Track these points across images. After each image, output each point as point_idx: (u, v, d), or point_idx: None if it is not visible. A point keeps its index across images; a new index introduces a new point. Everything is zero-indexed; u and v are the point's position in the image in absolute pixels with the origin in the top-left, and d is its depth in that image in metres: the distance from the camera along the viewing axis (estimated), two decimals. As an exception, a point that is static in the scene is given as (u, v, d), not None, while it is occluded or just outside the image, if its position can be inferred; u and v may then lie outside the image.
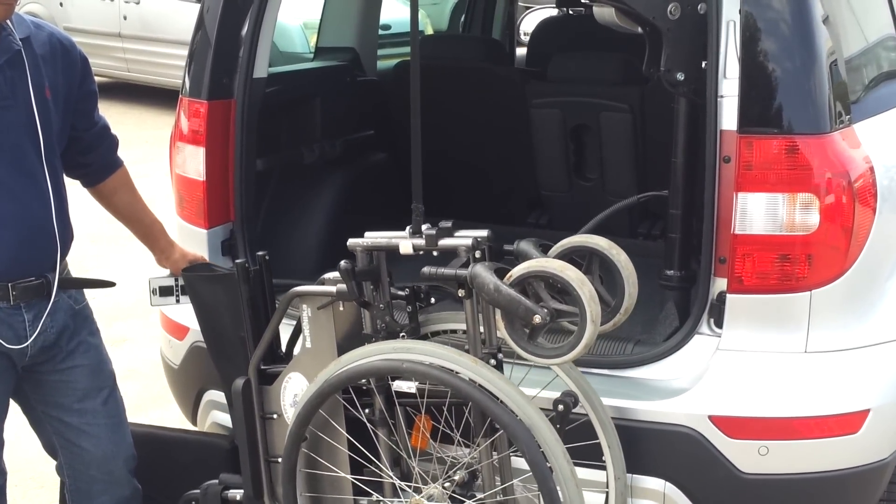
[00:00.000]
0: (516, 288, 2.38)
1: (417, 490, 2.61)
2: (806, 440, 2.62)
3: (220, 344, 2.96)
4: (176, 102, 3.48)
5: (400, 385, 2.56)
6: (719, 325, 2.71)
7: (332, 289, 2.66)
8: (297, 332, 2.79)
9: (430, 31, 9.51)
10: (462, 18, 6.29)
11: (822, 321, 2.64)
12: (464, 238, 2.53)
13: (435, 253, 2.59)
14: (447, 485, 2.59)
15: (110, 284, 2.94)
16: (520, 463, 2.52)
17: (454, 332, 2.74)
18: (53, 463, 2.95)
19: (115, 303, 5.47)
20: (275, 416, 2.84)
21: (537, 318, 2.35)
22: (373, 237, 2.63)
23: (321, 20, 5.02)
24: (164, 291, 3.07)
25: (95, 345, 2.83)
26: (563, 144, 4.17)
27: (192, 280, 2.98)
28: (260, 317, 2.84)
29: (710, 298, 2.73)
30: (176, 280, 3.05)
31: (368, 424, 2.66)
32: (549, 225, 4.35)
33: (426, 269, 2.55)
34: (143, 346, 5.18)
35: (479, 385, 2.45)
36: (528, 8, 7.67)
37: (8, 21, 2.56)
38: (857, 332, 2.70)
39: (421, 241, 2.57)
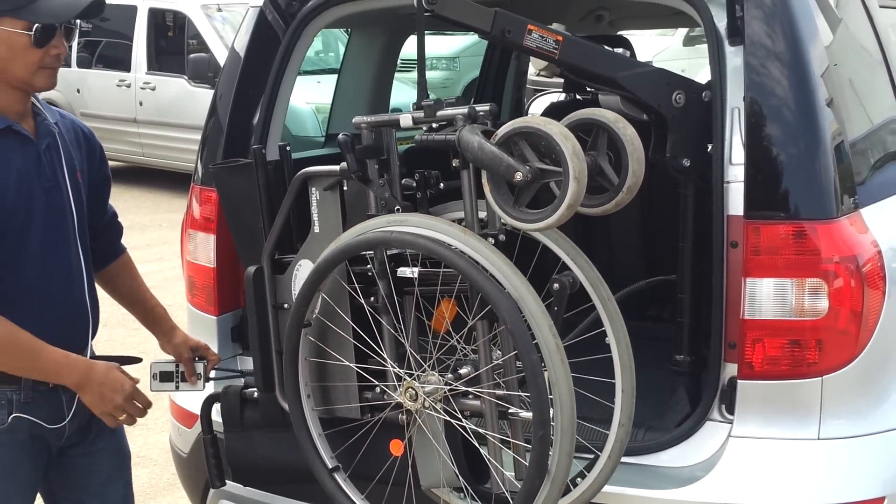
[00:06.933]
0: (502, 148, 2.36)
1: (411, 375, 2.52)
2: (822, 529, 2.58)
3: (245, 239, 2.92)
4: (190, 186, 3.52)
5: (403, 271, 2.53)
6: (731, 411, 2.69)
7: (336, 168, 2.68)
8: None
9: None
10: (472, 101, 6.35)
11: (834, 407, 2.61)
12: (462, 108, 2.51)
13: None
14: (450, 376, 2.50)
15: (137, 360, 2.95)
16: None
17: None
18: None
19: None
20: (286, 306, 2.78)
21: (518, 176, 2.32)
22: (377, 115, 2.65)
23: (332, 106, 5.07)
24: (165, 377, 3.03)
25: (119, 426, 2.84)
26: (572, 226, 4.17)
27: (218, 171, 2.99)
28: (277, 207, 2.82)
29: (720, 384, 2.71)
30: (177, 366, 3.03)
31: (369, 310, 2.58)
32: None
33: (418, 136, 2.54)
34: (155, 432, 5.15)
35: (470, 258, 2.39)
36: (536, 91, 7.75)
37: (39, 106, 2.67)
38: (870, 417, 2.67)
39: (420, 114, 2.56)
